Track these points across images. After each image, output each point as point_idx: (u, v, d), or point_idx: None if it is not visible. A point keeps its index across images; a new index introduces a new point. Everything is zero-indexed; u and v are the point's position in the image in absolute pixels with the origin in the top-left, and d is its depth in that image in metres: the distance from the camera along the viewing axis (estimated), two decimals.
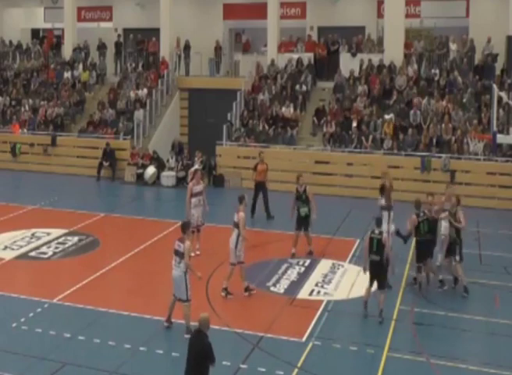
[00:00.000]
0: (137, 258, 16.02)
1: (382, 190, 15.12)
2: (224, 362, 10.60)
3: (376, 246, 12.40)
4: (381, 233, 12.54)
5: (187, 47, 29.50)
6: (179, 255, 11.59)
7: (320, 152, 23.81)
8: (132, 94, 28.02)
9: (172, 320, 12.10)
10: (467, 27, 27.48)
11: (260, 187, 19.90)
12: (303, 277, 14.68)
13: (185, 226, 11.90)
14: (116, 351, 11.13)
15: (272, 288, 14.11)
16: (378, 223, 12.82)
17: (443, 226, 14.05)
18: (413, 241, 14.29)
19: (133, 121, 26.72)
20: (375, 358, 10.92)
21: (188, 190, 16.19)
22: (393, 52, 26.11)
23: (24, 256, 16.05)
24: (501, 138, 20.70)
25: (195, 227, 15.72)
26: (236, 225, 13.48)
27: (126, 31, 31.97)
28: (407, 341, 11.84)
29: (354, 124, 24.06)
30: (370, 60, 26.59)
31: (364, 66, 26.58)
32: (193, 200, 15.97)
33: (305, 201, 16.14)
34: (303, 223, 16.10)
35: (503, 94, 22.19)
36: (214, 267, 15.23)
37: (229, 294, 13.47)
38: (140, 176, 25.10)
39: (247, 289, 13.56)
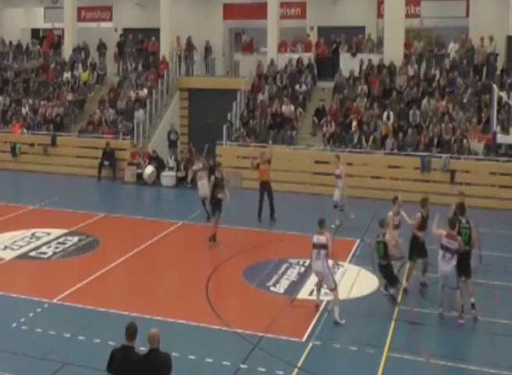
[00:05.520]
0: (137, 258, 16.01)
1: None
2: (224, 362, 10.62)
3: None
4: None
5: (190, 47, 29.50)
6: None
7: (320, 152, 23.81)
8: (132, 94, 28.03)
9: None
10: (467, 27, 27.46)
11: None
12: (303, 277, 14.66)
13: None
14: None
15: (271, 288, 14.10)
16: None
17: None
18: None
19: (133, 121, 26.72)
20: (375, 358, 10.91)
21: None
22: (393, 52, 26.10)
23: (24, 256, 16.03)
24: (501, 138, 20.71)
25: None
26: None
27: (126, 31, 31.96)
28: (407, 341, 11.83)
29: (354, 124, 24.06)
30: (370, 60, 26.58)
31: (364, 66, 26.57)
32: None
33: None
34: None
35: (503, 94, 22.20)
36: (213, 267, 15.25)
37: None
38: (140, 176, 25.10)
39: None
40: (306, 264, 15.51)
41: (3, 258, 15.83)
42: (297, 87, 26.58)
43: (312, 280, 14.37)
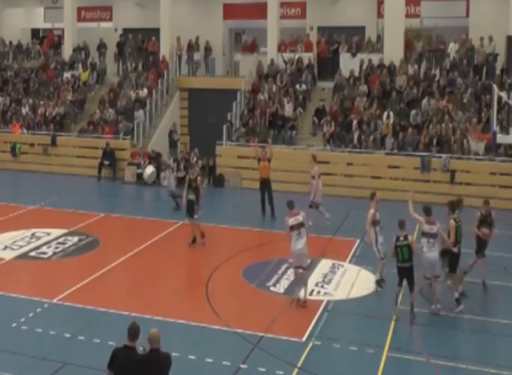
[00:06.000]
0: (137, 258, 16.02)
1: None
2: (224, 362, 10.63)
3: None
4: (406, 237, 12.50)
5: (191, 47, 29.49)
6: None
7: (320, 152, 23.78)
8: (132, 94, 28.03)
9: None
10: (467, 27, 27.46)
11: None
12: None
13: None
14: None
15: (271, 288, 14.11)
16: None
17: None
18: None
19: (133, 121, 26.72)
20: (375, 358, 10.91)
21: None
22: (393, 52, 26.09)
23: (24, 256, 16.04)
24: (501, 138, 20.68)
25: None
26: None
27: (126, 31, 31.98)
28: (407, 341, 11.84)
29: (354, 124, 24.05)
30: (370, 60, 26.57)
31: (364, 66, 26.57)
32: None
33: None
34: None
35: (503, 94, 22.18)
36: (214, 267, 15.25)
37: None
38: (140, 176, 25.11)
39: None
40: None
41: (3, 258, 15.83)
42: (297, 86, 26.58)
43: (312, 280, 14.39)
